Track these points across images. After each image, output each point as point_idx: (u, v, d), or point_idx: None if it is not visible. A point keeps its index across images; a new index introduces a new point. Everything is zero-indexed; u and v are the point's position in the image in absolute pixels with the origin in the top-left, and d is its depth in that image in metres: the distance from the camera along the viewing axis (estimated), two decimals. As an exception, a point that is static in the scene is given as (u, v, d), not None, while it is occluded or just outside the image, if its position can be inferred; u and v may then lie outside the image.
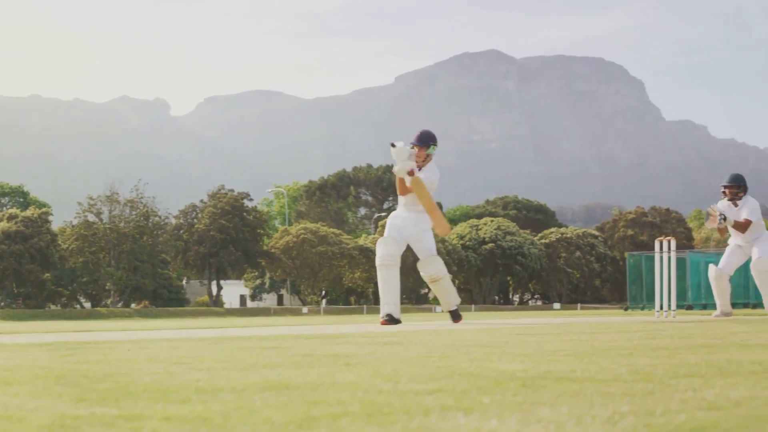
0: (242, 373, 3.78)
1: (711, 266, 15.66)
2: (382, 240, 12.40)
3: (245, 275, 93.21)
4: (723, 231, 14.93)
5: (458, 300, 12.91)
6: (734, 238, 15.39)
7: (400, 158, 11.61)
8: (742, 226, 14.81)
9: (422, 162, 11.94)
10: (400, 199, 12.34)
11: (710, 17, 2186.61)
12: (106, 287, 74.78)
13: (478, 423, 2.19)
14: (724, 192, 14.98)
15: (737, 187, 14.87)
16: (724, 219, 14.58)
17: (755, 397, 2.50)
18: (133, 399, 2.85)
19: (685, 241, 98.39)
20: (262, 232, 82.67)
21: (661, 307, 15.28)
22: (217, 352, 5.48)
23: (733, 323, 9.48)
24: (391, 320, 12.03)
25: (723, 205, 15.04)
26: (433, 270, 12.47)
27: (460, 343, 5.90)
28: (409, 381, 3.20)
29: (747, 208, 14.83)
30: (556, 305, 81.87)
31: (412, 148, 11.95)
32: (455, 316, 12.71)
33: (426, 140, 12.01)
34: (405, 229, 12.36)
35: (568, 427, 2.10)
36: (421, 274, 12.63)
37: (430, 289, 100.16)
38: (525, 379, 3.18)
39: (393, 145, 11.78)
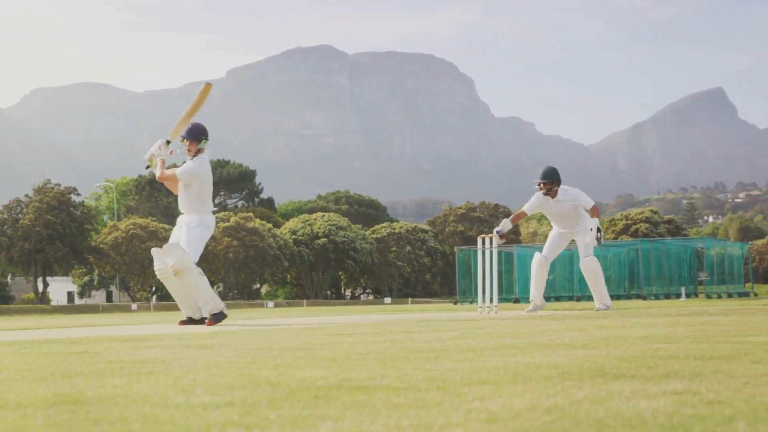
0: (37, 384, 3.66)
1: (536, 254, 16.01)
2: (154, 252, 11.83)
3: (73, 271, 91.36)
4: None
5: (217, 305, 11.66)
6: (556, 226, 15.79)
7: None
8: (595, 212, 15.37)
9: (193, 155, 11.86)
10: (179, 203, 12.02)
11: (538, 17, 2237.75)
12: (-74, 285, 72.20)
13: (255, 441, 2.16)
14: (539, 186, 15.33)
15: (551, 182, 15.24)
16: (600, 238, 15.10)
17: (536, 407, 2.53)
18: None
19: (513, 236, 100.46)
20: (90, 227, 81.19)
21: (485, 302, 15.53)
22: (21, 358, 5.30)
23: (548, 320, 9.67)
24: (192, 322, 11.69)
25: (540, 200, 15.41)
26: (172, 258, 11.38)
27: (272, 346, 5.86)
28: (203, 392, 3.14)
29: (566, 196, 15.22)
30: (387, 300, 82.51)
31: (182, 141, 11.87)
32: (214, 318, 11.58)
33: (197, 135, 11.89)
34: (178, 230, 11.96)
35: (342, 444, 2.09)
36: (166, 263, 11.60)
37: (261, 284, 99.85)
38: (321, 388, 3.16)
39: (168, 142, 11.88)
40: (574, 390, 2.91)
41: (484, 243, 15.63)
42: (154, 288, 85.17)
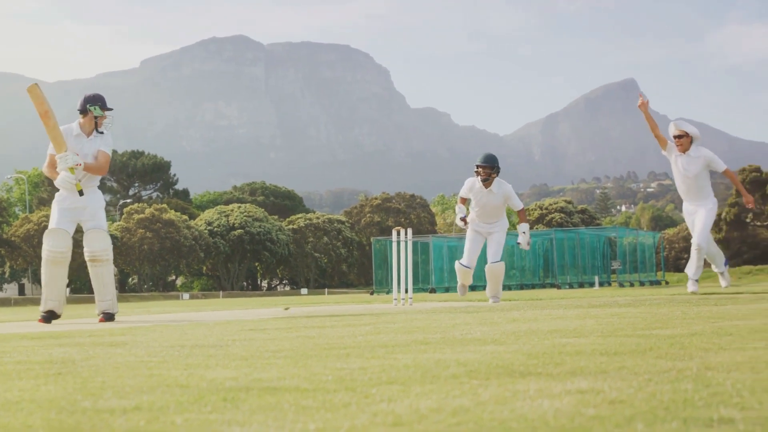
0: (-61, 388, 3.60)
1: (456, 263, 15.68)
2: (53, 232, 11.01)
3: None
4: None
5: (115, 308, 11.24)
6: (473, 224, 15.66)
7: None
8: (524, 215, 15.56)
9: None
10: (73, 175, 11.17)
11: (454, 10, 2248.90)
12: None
13: (161, 449, 2.16)
14: (477, 171, 15.08)
15: (491, 168, 15.00)
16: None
17: (442, 408, 2.56)
18: None
19: (429, 226, 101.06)
20: (1, 219, 79.96)
21: (399, 293, 15.59)
22: (-74, 360, 5.20)
23: (461, 313, 9.73)
24: (52, 316, 11.21)
25: (472, 185, 15.23)
26: (99, 246, 10.99)
27: (185, 343, 5.83)
28: (112, 396, 3.12)
29: (500, 189, 15.16)
30: (304, 290, 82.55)
31: (102, 112, 11.59)
32: (108, 317, 11.13)
33: (106, 103, 11.68)
34: (78, 212, 11.15)
35: (247, 452, 2.09)
36: (85, 249, 11.03)
37: (177, 276, 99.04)
38: (230, 390, 3.16)
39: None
40: (481, 390, 2.94)
41: (399, 235, 15.67)
42: (67, 281, 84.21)
